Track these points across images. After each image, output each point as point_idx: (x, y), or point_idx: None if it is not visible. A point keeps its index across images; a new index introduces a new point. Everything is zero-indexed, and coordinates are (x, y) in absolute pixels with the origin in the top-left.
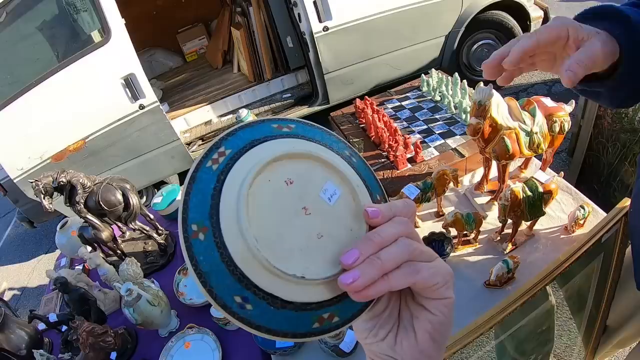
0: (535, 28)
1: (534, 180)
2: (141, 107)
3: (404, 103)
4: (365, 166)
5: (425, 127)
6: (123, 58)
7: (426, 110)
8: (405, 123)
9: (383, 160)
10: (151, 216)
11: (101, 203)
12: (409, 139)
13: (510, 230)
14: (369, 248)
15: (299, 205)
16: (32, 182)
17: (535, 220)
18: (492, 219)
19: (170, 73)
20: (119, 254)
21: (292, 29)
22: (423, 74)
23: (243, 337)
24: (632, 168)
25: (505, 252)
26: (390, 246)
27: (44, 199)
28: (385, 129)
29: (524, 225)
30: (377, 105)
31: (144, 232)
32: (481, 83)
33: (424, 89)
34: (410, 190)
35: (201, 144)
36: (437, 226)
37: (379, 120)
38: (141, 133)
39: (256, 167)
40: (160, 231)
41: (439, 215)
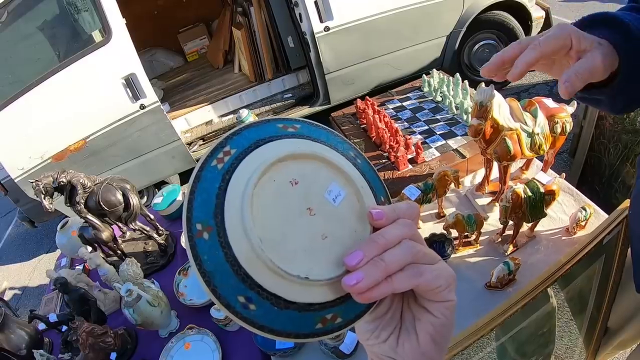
0: (536, 29)
1: (535, 181)
2: (142, 107)
3: (405, 103)
4: (369, 167)
5: (426, 128)
6: (124, 58)
7: (427, 111)
8: (406, 123)
9: (384, 161)
10: (151, 216)
11: (101, 203)
12: (409, 139)
13: (511, 232)
14: (373, 250)
15: (304, 205)
16: (33, 182)
17: (537, 221)
18: (493, 220)
19: (171, 73)
20: (119, 254)
21: (293, 29)
22: (424, 75)
23: (243, 338)
24: (634, 169)
25: (506, 254)
26: (394, 248)
27: (45, 199)
28: (386, 130)
29: (525, 227)
30: (378, 105)
31: (144, 233)
32: (482, 84)
33: (425, 89)
34: (411, 191)
35: (202, 144)
36: (438, 227)
37: (380, 121)
38: (142, 133)
39: (261, 167)
40: (160, 231)
41: (439, 216)
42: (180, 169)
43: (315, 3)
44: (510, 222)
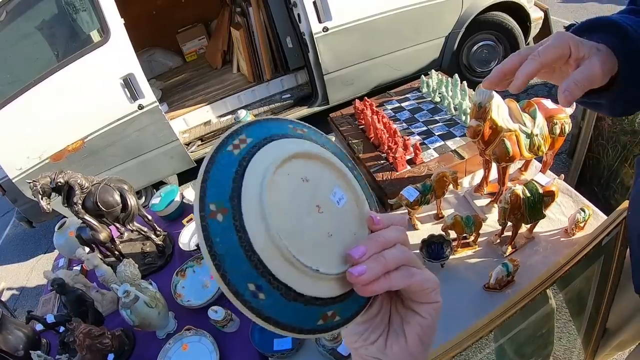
0: (535, 29)
1: (534, 182)
2: (140, 107)
3: (403, 104)
4: (362, 180)
5: (424, 129)
6: (122, 58)
7: (426, 112)
8: (404, 124)
9: (382, 161)
10: (149, 217)
11: (99, 204)
12: (408, 140)
13: (510, 233)
14: (374, 247)
15: (313, 203)
16: (30, 183)
17: (536, 223)
18: (492, 221)
19: (170, 73)
20: (116, 255)
21: (292, 30)
22: (423, 75)
23: (240, 340)
24: (633, 170)
25: (505, 255)
26: (390, 249)
27: (42, 199)
28: (385, 131)
29: (524, 228)
30: (377, 106)
31: (142, 233)
32: (481, 85)
33: (424, 90)
34: (410, 192)
35: (200, 145)
36: (437, 228)
37: (378, 122)
38: (140, 133)
39: (279, 159)
40: (158, 232)
41: (438, 217)
42: (178, 169)
43: (314, 3)
44: (509, 224)
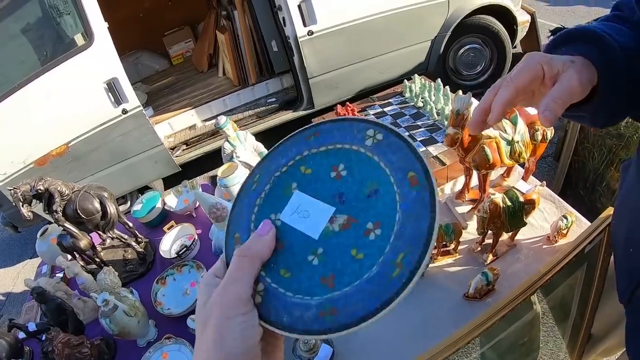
0: (522, 33)
1: (514, 190)
2: (124, 112)
3: (386, 109)
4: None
5: (407, 134)
6: (106, 62)
7: (408, 117)
8: None
9: None
10: (130, 224)
11: (79, 211)
12: None
13: (491, 241)
14: None
15: None
16: (11, 190)
17: (517, 230)
18: (473, 228)
19: (156, 76)
20: (98, 263)
21: (277, 33)
22: (406, 80)
23: None
24: (618, 173)
25: (486, 263)
26: None
27: (23, 206)
28: None
29: (505, 236)
30: (359, 111)
31: (123, 241)
32: (460, 91)
33: (407, 94)
34: None
35: (185, 149)
36: None
37: None
38: (124, 138)
39: None
40: (139, 239)
41: None
42: (163, 173)
43: (299, 7)
44: (490, 232)
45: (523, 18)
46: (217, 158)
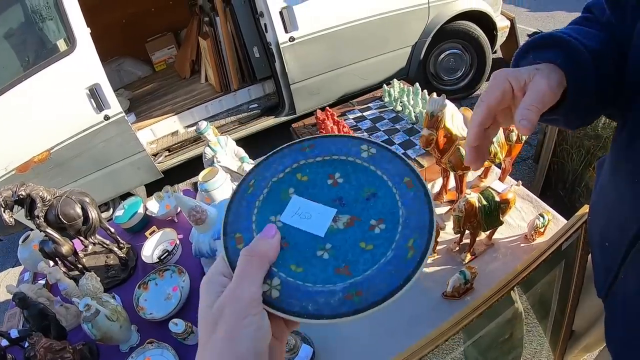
0: (501, 38)
1: (490, 190)
2: (106, 118)
3: (365, 113)
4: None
5: (386, 138)
6: (88, 68)
7: (387, 121)
8: (366, 134)
9: None
10: (112, 230)
11: (60, 217)
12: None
13: (469, 240)
14: None
15: None
16: None
17: (494, 230)
18: (451, 228)
19: (139, 82)
20: (79, 268)
21: (259, 39)
22: (385, 85)
23: None
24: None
25: (464, 262)
26: None
27: (4, 212)
28: None
29: (483, 235)
30: (339, 116)
31: (105, 246)
32: (434, 94)
33: (386, 99)
34: None
35: (167, 155)
36: None
37: (339, 131)
38: (106, 144)
39: None
40: (121, 244)
41: None
42: (146, 180)
43: (281, 13)
44: (467, 232)
45: (503, 24)
46: (200, 164)
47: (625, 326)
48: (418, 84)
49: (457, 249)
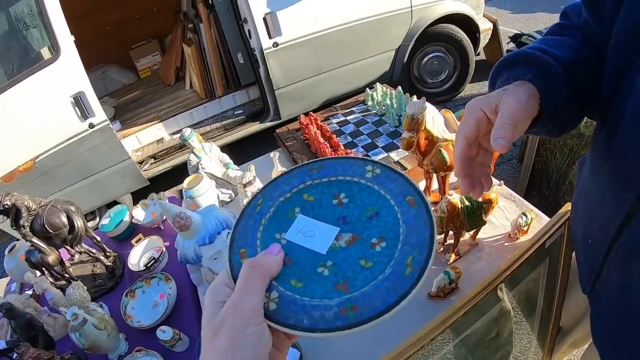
0: (484, 40)
1: None
2: (91, 126)
3: (348, 118)
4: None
5: (369, 142)
6: (72, 76)
7: (370, 124)
8: (349, 137)
9: None
10: (98, 238)
11: (46, 226)
12: (350, 153)
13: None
14: None
15: None
16: None
17: (478, 229)
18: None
19: (124, 90)
20: (67, 278)
21: (243, 46)
22: (368, 89)
23: (190, 359)
24: None
25: (449, 263)
26: None
27: None
28: (327, 144)
29: (467, 235)
30: (322, 120)
31: (91, 255)
32: (414, 97)
33: (369, 103)
34: None
35: (153, 163)
36: None
37: (322, 136)
38: (92, 152)
39: None
40: (108, 253)
41: None
42: (132, 188)
43: (264, 19)
44: (451, 232)
45: (485, 26)
46: (185, 171)
47: (610, 322)
48: (400, 87)
49: (442, 249)
